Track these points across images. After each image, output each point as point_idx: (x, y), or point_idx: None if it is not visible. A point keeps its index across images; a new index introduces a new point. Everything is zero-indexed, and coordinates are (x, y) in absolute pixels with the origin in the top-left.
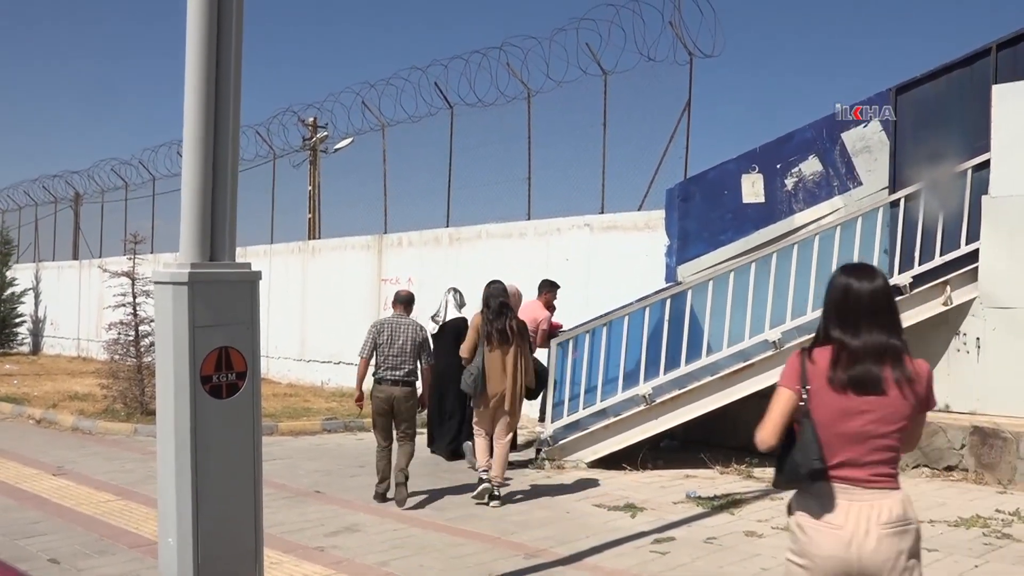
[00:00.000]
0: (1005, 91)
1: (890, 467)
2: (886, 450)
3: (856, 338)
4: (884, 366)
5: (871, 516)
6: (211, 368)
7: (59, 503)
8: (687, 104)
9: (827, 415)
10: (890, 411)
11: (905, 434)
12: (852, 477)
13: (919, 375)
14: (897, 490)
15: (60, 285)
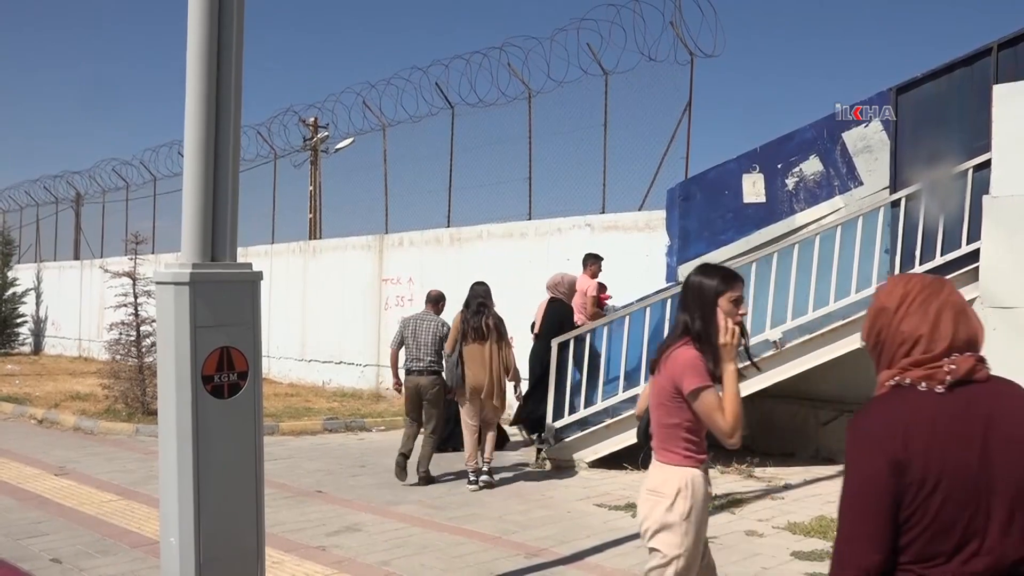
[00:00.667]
0: (1006, 91)
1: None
2: (657, 423)
3: None
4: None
5: (646, 479)
6: (212, 368)
7: (61, 503)
8: (688, 104)
9: None
10: (656, 387)
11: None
12: (652, 446)
13: (676, 357)
14: (667, 464)
15: (61, 285)
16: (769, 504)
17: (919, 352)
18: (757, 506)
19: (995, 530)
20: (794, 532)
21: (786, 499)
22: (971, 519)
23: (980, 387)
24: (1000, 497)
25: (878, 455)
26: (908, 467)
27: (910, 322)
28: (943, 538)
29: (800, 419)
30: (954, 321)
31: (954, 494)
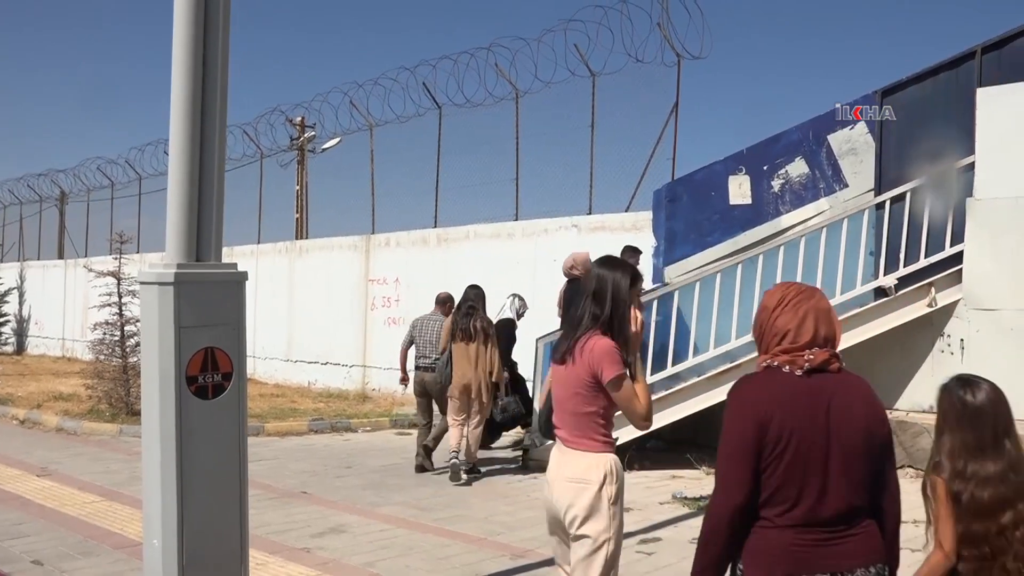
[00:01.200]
0: (989, 94)
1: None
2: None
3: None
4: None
5: (559, 468)
6: (197, 368)
7: (43, 504)
8: (675, 105)
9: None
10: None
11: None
12: (559, 435)
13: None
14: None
15: (45, 284)
16: None
17: (787, 343)
18: None
19: (830, 486)
20: None
21: None
22: (810, 475)
23: (832, 375)
24: (834, 460)
25: (748, 418)
26: (768, 428)
27: (783, 319)
28: (789, 487)
29: None
30: (817, 321)
31: (800, 453)
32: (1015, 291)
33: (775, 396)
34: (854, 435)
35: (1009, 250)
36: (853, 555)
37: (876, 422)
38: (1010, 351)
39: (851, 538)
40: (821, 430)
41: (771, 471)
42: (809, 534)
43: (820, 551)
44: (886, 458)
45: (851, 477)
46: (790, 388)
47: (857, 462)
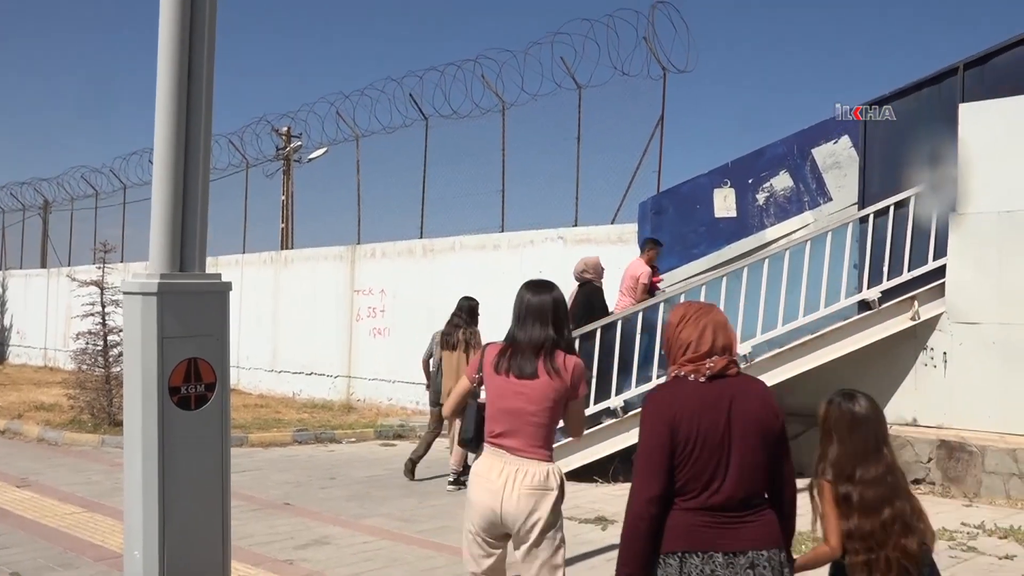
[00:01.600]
0: (972, 109)
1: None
2: (535, 426)
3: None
4: (542, 358)
5: (518, 477)
6: (179, 379)
7: (22, 515)
8: (660, 118)
9: (493, 394)
10: (538, 393)
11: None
12: (507, 445)
13: (571, 366)
14: (544, 461)
15: (27, 294)
16: None
17: (690, 353)
18: None
19: (730, 475)
20: None
21: None
22: (715, 467)
23: (730, 380)
24: (735, 454)
25: (661, 421)
26: (679, 429)
27: (685, 333)
28: (698, 478)
29: None
30: (715, 333)
31: (706, 450)
32: (998, 305)
33: (683, 402)
34: (752, 431)
35: (992, 264)
36: (748, 539)
37: (771, 418)
38: (993, 364)
39: (748, 524)
40: (723, 428)
41: (682, 466)
42: (710, 517)
43: (718, 532)
44: (781, 450)
45: (750, 468)
46: (695, 394)
47: (755, 454)
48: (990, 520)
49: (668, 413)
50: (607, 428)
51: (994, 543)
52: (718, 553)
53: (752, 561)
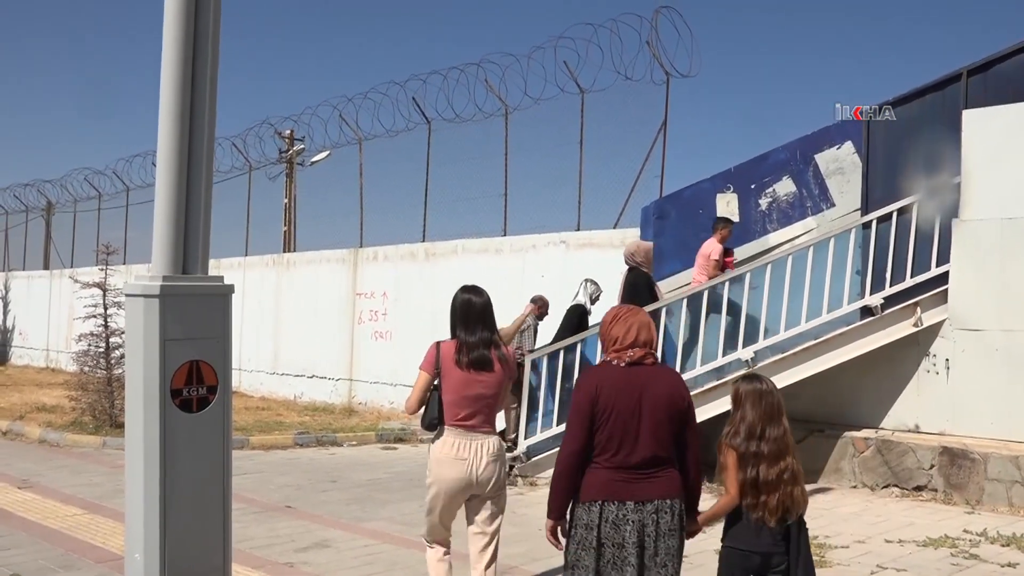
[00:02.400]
0: (975, 116)
1: (492, 419)
2: (492, 409)
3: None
4: (490, 351)
5: (483, 449)
6: (181, 382)
7: (24, 517)
8: (663, 123)
9: (457, 385)
10: (494, 381)
11: (501, 396)
12: (472, 425)
13: (510, 356)
14: (495, 434)
15: (30, 295)
16: None
17: (617, 345)
18: None
19: (640, 441)
20: None
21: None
22: (627, 433)
23: (647, 367)
24: (645, 425)
25: (586, 394)
26: (599, 401)
27: (615, 330)
28: (613, 442)
29: None
30: (639, 330)
31: (619, 419)
32: (1000, 312)
33: (604, 380)
34: (660, 408)
35: (994, 271)
36: (653, 491)
37: (677, 399)
38: (995, 371)
39: (655, 479)
40: (636, 404)
41: (600, 430)
42: (623, 474)
43: (629, 486)
44: (685, 424)
45: (657, 437)
46: (615, 375)
47: (662, 427)
48: (992, 527)
49: (592, 389)
50: None
51: (996, 551)
52: (630, 502)
53: (657, 508)
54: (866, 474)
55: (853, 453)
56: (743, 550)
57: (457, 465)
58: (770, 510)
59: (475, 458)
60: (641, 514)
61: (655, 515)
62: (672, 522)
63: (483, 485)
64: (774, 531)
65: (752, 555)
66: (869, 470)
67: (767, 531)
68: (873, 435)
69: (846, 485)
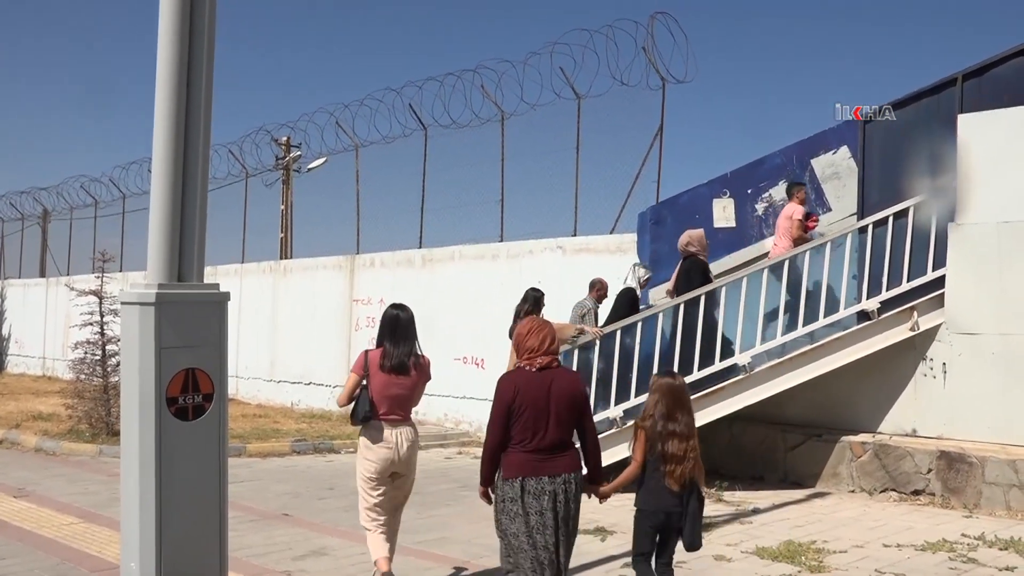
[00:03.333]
0: (971, 120)
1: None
2: (409, 404)
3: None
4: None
5: (403, 435)
6: (177, 389)
7: (19, 526)
8: (659, 128)
9: (381, 386)
10: (411, 384)
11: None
12: (395, 418)
13: (426, 363)
14: (412, 423)
15: (26, 303)
16: (738, 528)
17: (529, 353)
18: (726, 530)
19: (550, 429)
20: (762, 557)
21: (754, 523)
22: (539, 425)
23: (553, 370)
24: (552, 416)
25: (505, 393)
26: (515, 399)
27: (529, 341)
28: (527, 432)
29: (768, 443)
30: (548, 340)
31: (532, 413)
32: (997, 316)
33: (519, 382)
34: (563, 402)
35: (991, 275)
36: (561, 467)
37: (577, 394)
38: (992, 375)
39: (561, 458)
40: (544, 400)
41: (517, 422)
42: (536, 455)
43: (543, 464)
44: (583, 414)
45: (562, 425)
46: (529, 378)
47: (565, 416)
48: (990, 531)
49: (510, 390)
50: (605, 439)
51: (994, 554)
52: (545, 476)
53: (565, 480)
54: (864, 479)
55: (851, 458)
56: (650, 510)
57: (385, 447)
58: (675, 478)
59: (397, 443)
60: (554, 485)
61: (564, 485)
62: (575, 490)
63: (404, 464)
64: (675, 494)
65: (657, 513)
66: (867, 474)
67: (668, 494)
68: (871, 440)
69: (844, 490)
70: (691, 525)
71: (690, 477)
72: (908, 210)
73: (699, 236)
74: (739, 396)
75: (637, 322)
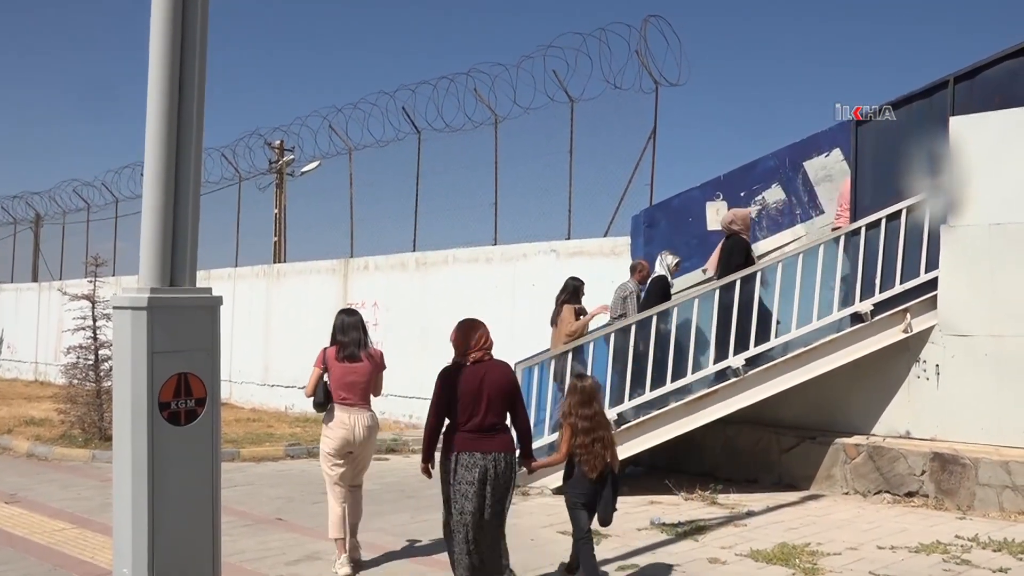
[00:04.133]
0: (963, 122)
1: (366, 398)
2: (364, 390)
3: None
4: (360, 350)
5: (360, 419)
6: (170, 394)
7: (11, 532)
8: (652, 131)
9: (338, 375)
10: (364, 370)
11: (372, 383)
12: (351, 402)
13: (376, 353)
14: (370, 410)
15: (19, 308)
16: (732, 531)
17: (463, 349)
18: (720, 533)
19: (483, 412)
20: (756, 560)
21: (749, 526)
22: (474, 408)
23: (486, 363)
24: (484, 401)
25: (442, 385)
26: (453, 389)
27: (462, 340)
28: (464, 415)
29: (763, 446)
30: (480, 338)
31: (468, 398)
32: (989, 317)
33: (457, 375)
34: (496, 389)
35: (983, 277)
36: (493, 445)
37: (508, 383)
38: (985, 377)
39: (495, 437)
40: (478, 388)
41: (454, 408)
42: (475, 434)
43: (477, 442)
44: (515, 400)
45: (493, 410)
46: (465, 370)
47: (497, 402)
48: (984, 533)
49: (447, 381)
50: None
51: (988, 556)
52: (479, 452)
53: (495, 457)
54: (858, 480)
55: (844, 460)
56: (573, 496)
57: (343, 427)
58: (590, 467)
59: (354, 425)
60: (485, 460)
61: (494, 462)
62: (505, 468)
63: (360, 445)
64: (594, 481)
65: (579, 497)
66: (861, 476)
67: (587, 481)
68: (864, 441)
69: (838, 492)
70: (604, 507)
71: (604, 466)
72: (901, 212)
73: (744, 215)
74: (733, 399)
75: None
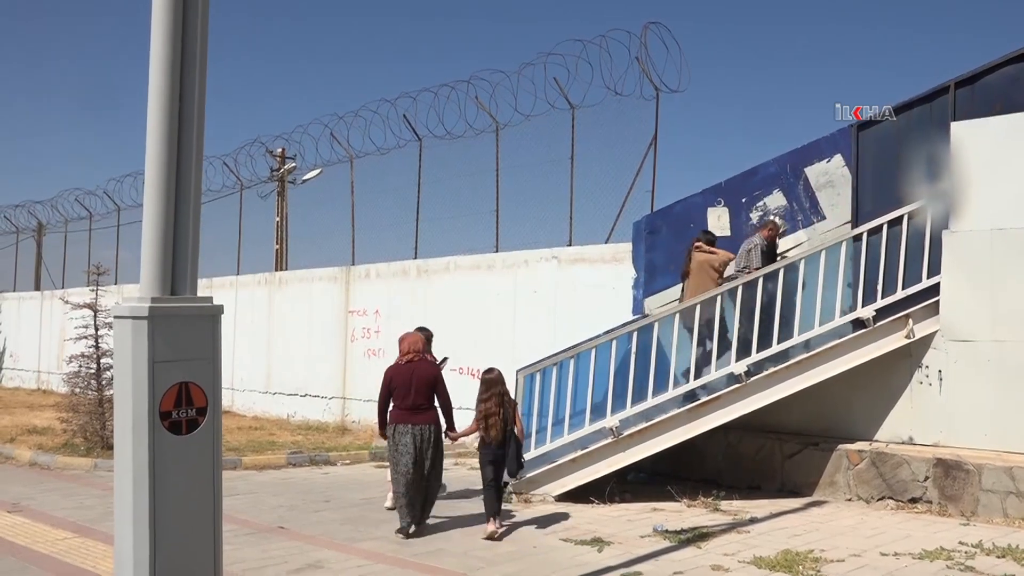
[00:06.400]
0: (964, 128)
1: None
2: None
3: None
4: None
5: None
6: (171, 404)
7: (13, 541)
8: (653, 138)
9: None
10: None
11: None
12: None
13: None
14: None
15: (21, 317)
16: (735, 538)
17: (402, 352)
18: (723, 540)
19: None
20: (760, 566)
21: (752, 532)
22: (406, 394)
23: (415, 362)
24: (414, 388)
25: (386, 377)
26: (393, 381)
27: (402, 346)
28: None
29: (766, 452)
30: (410, 344)
31: (403, 386)
32: (992, 323)
33: (396, 371)
34: (423, 380)
35: (985, 282)
36: (420, 420)
37: (431, 376)
38: (988, 382)
39: (422, 414)
40: (410, 379)
41: (394, 393)
42: (405, 411)
43: (408, 416)
44: (437, 387)
45: (422, 393)
46: (401, 367)
47: (423, 389)
48: (988, 539)
49: (389, 375)
50: (602, 448)
51: (992, 562)
52: (408, 424)
53: (422, 428)
54: (861, 487)
55: (847, 466)
56: (484, 457)
57: None
58: (493, 436)
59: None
60: (414, 430)
61: (420, 431)
62: (430, 437)
63: None
64: (498, 444)
65: (487, 457)
66: (864, 483)
67: (493, 447)
68: (867, 447)
69: (841, 498)
70: (511, 462)
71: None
72: (902, 218)
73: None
74: (736, 405)
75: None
